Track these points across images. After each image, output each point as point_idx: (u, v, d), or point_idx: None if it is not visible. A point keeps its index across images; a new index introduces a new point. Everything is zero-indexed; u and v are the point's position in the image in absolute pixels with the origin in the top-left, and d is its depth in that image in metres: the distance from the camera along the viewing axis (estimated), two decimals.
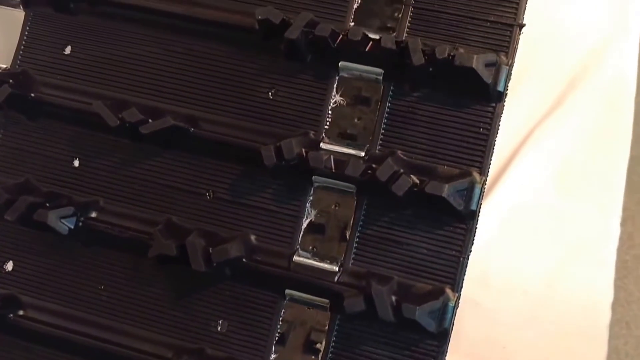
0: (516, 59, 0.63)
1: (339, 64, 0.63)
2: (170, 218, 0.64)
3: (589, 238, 0.80)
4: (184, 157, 0.64)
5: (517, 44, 0.61)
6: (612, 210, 0.81)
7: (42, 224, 0.62)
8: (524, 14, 0.62)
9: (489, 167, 0.60)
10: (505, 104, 0.61)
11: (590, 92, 0.85)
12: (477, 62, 0.57)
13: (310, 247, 0.61)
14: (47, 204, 0.63)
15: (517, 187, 0.81)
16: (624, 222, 0.91)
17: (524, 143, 0.82)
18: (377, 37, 0.61)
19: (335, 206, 0.62)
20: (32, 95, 0.66)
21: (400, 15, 0.63)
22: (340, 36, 0.61)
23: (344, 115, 0.63)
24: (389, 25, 0.63)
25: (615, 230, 0.81)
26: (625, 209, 0.88)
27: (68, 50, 0.68)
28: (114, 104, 0.64)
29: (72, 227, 0.63)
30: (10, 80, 0.65)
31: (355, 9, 0.64)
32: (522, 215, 0.80)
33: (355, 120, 0.63)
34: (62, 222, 0.62)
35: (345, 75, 0.63)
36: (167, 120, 0.61)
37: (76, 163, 0.67)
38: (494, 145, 0.61)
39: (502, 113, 0.60)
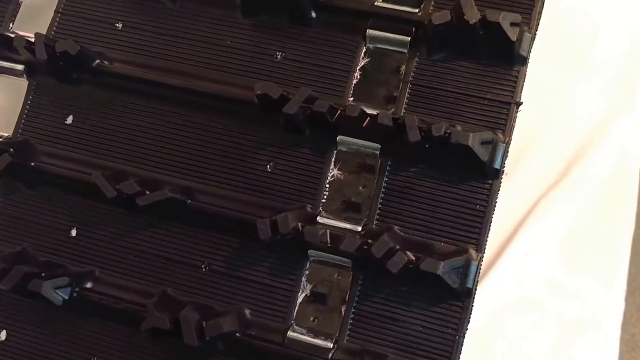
0: (523, 130, 0.65)
1: (337, 138, 0.65)
2: (165, 290, 0.65)
3: (594, 312, 0.81)
4: (181, 228, 0.66)
5: (514, 121, 0.63)
6: (617, 284, 0.82)
7: (36, 294, 0.63)
8: (521, 92, 0.64)
9: (486, 245, 0.61)
10: (509, 175, 0.62)
11: (596, 165, 0.86)
12: (473, 140, 0.59)
13: (305, 323, 0.62)
14: (43, 274, 0.64)
15: (521, 259, 0.81)
16: (632, 294, 0.91)
17: (529, 215, 0.83)
18: (375, 113, 0.63)
19: (332, 281, 0.63)
20: (32, 164, 0.68)
21: (398, 91, 0.65)
22: (339, 111, 0.63)
23: (342, 189, 0.65)
24: (387, 100, 0.65)
25: (620, 304, 0.81)
26: (633, 280, 0.88)
27: (70, 120, 0.71)
28: (113, 175, 0.66)
29: (67, 297, 0.64)
30: (11, 149, 0.67)
31: (355, 84, 0.67)
32: (526, 288, 0.81)
33: (353, 194, 0.64)
34: (57, 293, 0.64)
35: (343, 149, 0.65)
36: (164, 192, 0.63)
37: (73, 232, 0.68)
38: (491, 222, 0.62)
39: (498, 190, 0.62)
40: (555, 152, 0.87)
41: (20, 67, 0.72)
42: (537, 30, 0.65)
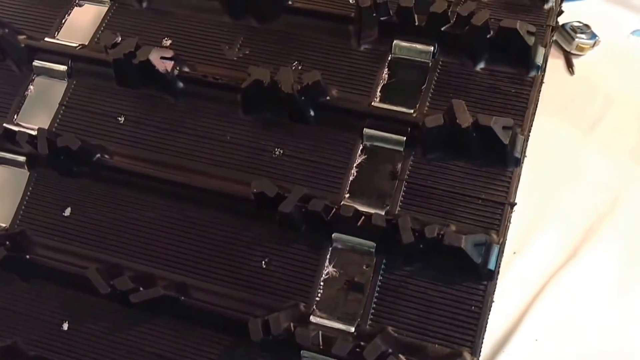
0: (531, 207, 0.65)
1: (333, 235, 0.66)
2: None
3: None
4: (174, 324, 0.66)
5: (509, 222, 0.64)
6: None
7: None
8: (515, 193, 0.65)
9: (481, 347, 0.61)
10: (518, 254, 0.62)
11: (607, 242, 0.87)
12: (466, 242, 0.60)
13: None
14: None
15: (530, 343, 0.81)
16: None
17: (538, 296, 0.83)
18: (370, 211, 0.64)
19: None
20: (28, 256, 0.69)
21: (394, 189, 0.67)
22: (334, 210, 0.65)
23: (336, 287, 0.65)
24: (383, 198, 0.67)
25: None
26: None
27: (68, 212, 0.72)
28: (107, 269, 0.67)
29: None
30: (7, 242, 0.69)
31: (351, 181, 0.68)
32: None
33: (347, 293, 0.65)
34: None
35: (339, 246, 0.66)
36: (157, 290, 0.64)
37: (65, 326, 0.68)
38: (487, 324, 0.62)
39: (494, 291, 0.62)
40: (565, 230, 0.87)
41: (21, 158, 0.74)
42: (530, 131, 0.67)
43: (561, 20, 1.03)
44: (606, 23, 1.13)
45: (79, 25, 0.82)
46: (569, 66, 1.08)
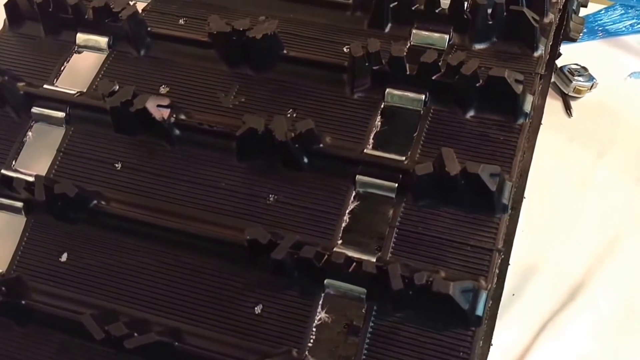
0: (532, 249, 0.67)
1: (325, 281, 0.69)
2: None
3: None
4: None
5: (496, 268, 0.67)
6: None
7: None
8: (503, 239, 0.68)
9: None
10: (517, 296, 0.64)
11: (606, 285, 0.90)
12: (454, 289, 0.63)
13: None
14: None
15: None
16: None
17: (536, 339, 0.85)
18: (361, 257, 0.68)
19: None
20: (24, 302, 0.72)
21: (385, 235, 0.70)
22: (325, 256, 0.68)
23: (329, 332, 0.68)
24: (375, 244, 0.70)
25: None
26: None
27: (64, 257, 0.75)
28: (102, 315, 0.70)
29: None
30: (3, 288, 0.72)
31: (344, 227, 0.72)
32: None
33: (339, 339, 0.68)
34: None
35: (331, 292, 0.69)
36: (151, 336, 0.67)
37: None
38: None
39: (482, 338, 0.65)
40: (563, 272, 0.90)
41: (19, 204, 0.77)
42: (520, 177, 0.71)
43: (559, 62, 1.08)
44: (604, 65, 1.18)
45: (78, 72, 0.86)
46: (567, 109, 1.12)
